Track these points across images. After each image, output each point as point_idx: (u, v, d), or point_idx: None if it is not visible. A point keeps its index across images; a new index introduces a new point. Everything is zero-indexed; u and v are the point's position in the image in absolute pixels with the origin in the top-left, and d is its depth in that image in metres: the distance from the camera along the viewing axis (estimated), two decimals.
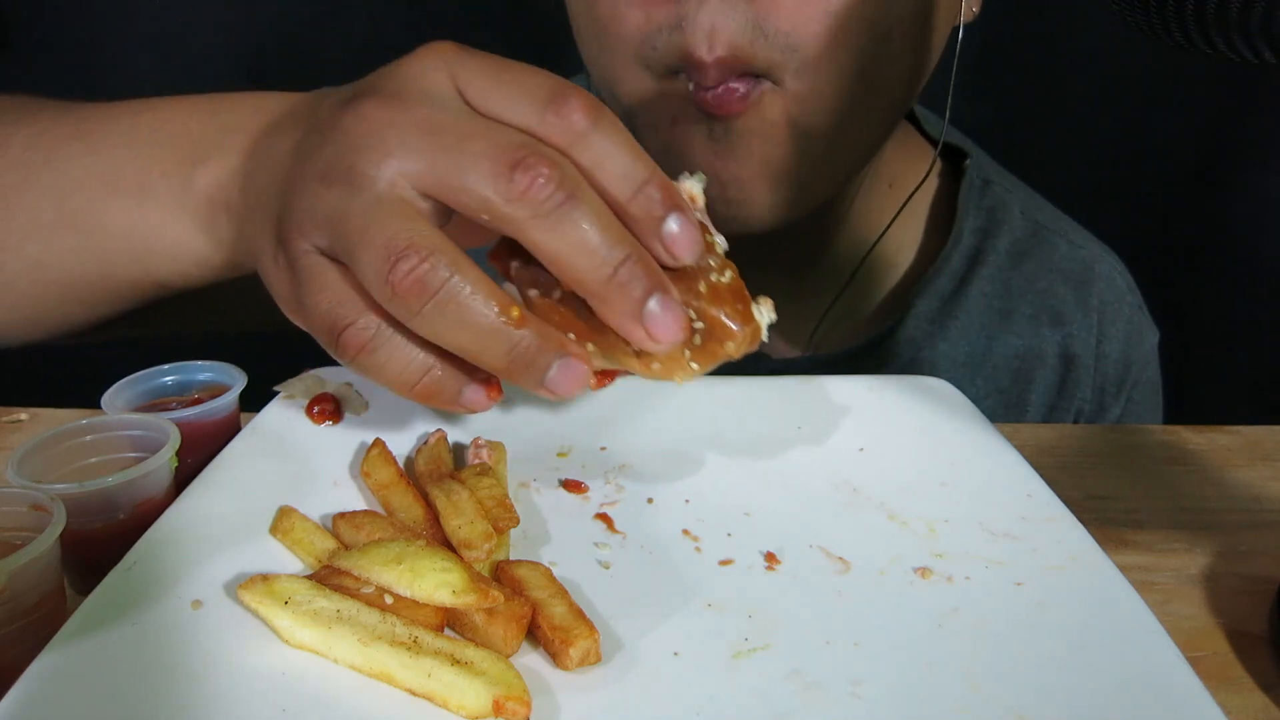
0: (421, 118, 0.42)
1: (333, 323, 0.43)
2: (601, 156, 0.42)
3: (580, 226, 0.41)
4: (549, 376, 0.43)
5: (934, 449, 0.58)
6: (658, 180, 0.43)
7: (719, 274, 0.46)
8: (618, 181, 0.43)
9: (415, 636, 0.40)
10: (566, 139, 0.42)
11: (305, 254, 0.44)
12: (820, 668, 0.41)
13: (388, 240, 0.41)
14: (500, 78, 0.44)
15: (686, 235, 0.44)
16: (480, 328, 0.41)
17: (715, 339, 0.45)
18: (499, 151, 0.41)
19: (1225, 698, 0.39)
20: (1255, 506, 0.63)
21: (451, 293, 0.41)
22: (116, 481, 0.50)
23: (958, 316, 0.87)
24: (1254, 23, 0.38)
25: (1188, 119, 1.49)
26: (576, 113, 0.42)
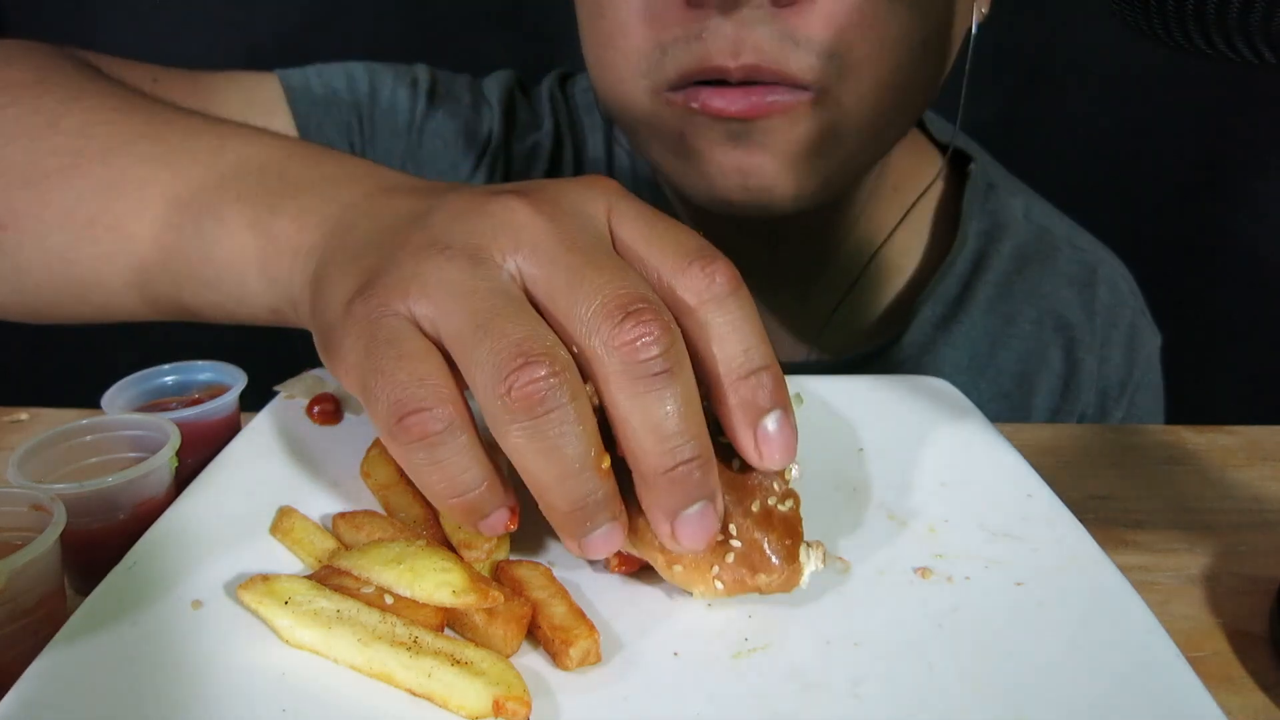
0: (563, 230, 0.41)
1: (403, 401, 0.39)
2: (730, 326, 0.41)
3: (665, 405, 0.39)
4: (593, 535, 0.41)
5: (934, 449, 0.58)
6: (774, 371, 0.42)
7: (780, 501, 0.44)
8: (736, 356, 0.41)
9: (415, 636, 0.40)
10: (702, 297, 0.41)
11: (394, 316, 0.41)
12: (820, 668, 0.41)
13: (522, 339, 0.38)
14: (655, 226, 0.43)
15: (782, 440, 0.42)
16: (569, 467, 0.39)
17: (749, 565, 0.43)
18: (620, 293, 0.39)
19: (1225, 698, 0.39)
20: (1255, 506, 0.63)
21: (561, 420, 0.38)
22: (116, 481, 0.50)
23: (962, 321, 0.87)
24: (1254, 23, 0.38)
25: (1188, 120, 1.49)
26: (720, 275, 0.41)
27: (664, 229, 0.43)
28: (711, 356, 0.41)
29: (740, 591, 0.43)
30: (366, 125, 0.91)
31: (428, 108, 0.92)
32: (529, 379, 0.38)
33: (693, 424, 0.40)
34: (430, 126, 0.92)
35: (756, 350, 0.41)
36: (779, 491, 0.44)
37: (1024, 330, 0.88)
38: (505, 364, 0.38)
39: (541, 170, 0.94)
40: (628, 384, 0.39)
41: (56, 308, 0.65)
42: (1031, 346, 0.88)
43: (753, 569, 0.43)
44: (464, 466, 0.40)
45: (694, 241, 0.42)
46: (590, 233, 0.42)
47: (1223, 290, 1.53)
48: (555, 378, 0.38)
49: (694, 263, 0.41)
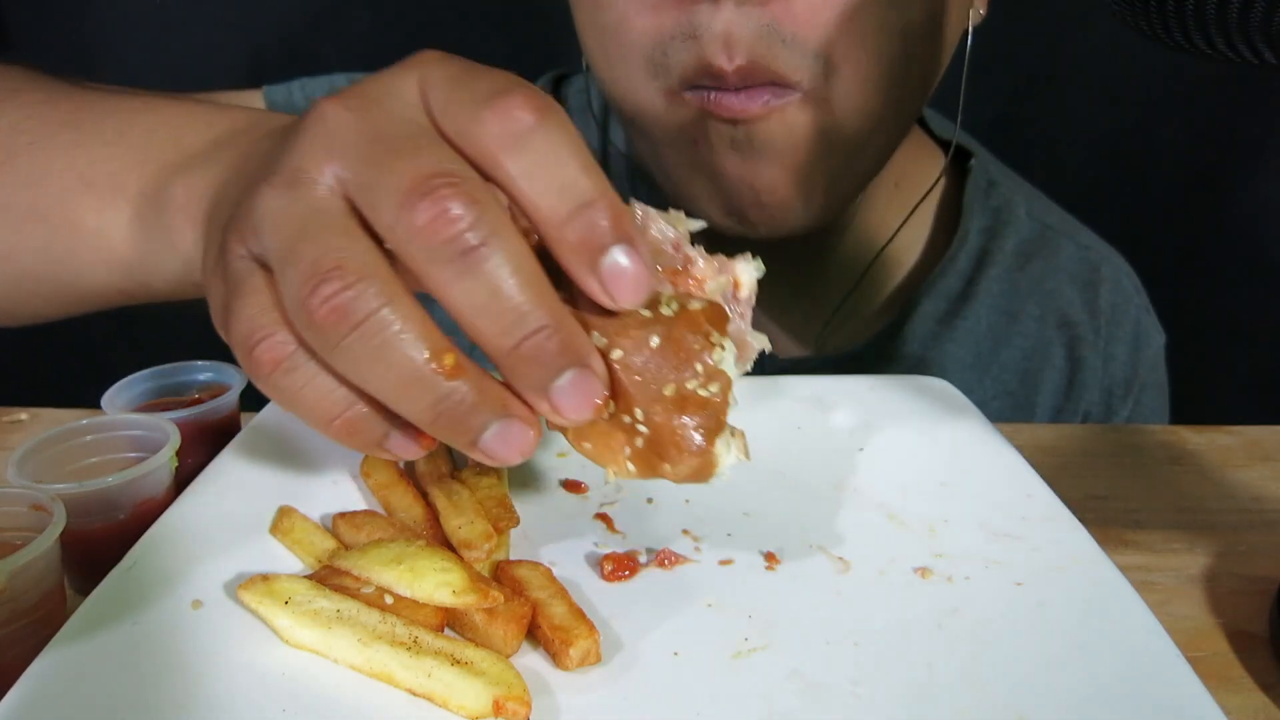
0: (370, 122, 0.38)
1: (247, 334, 0.38)
2: (539, 163, 0.36)
3: (487, 282, 0.35)
4: (484, 438, 0.37)
5: (934, 449, 0.58)
6: (606, 201, 0.36)
7: (703, 385, 0.39)
8: (554, 195, 0.36)
9: (415, 636, 0.40)
10: (501, 141, 0.36)
11: (239, 259, 0.40)
12: (820, 668, 0.41)
13: (316, 257, 0.36)
14: (458, 80, 0.38)
15: (633, 274, 0.37)
16: (404, 372, 0.36)
17: (657, 453, 0.39)
18: (413, 174, 0.35)
19: (1225, 698, 0.39)
20: (1255, 506, 0.63)
21: (375, 327, 0.35)
22: (116, 481, 0.50)
23: (965, 317, 0.87)
24: (1254, 23, 0.38)
25: (1188, 119, 1.49)
26: (518, 109, 0.36)
27: (465, 80, 0.38)
28: (530, 206, 0.36)
29: (651, 476, 0.40)
30: None
31: None
32: (325, 296, 0.35)
33: (526, 291, 0.36)
34: None
35: (575, 184, 0.36)
36: (704, 373, 0.39)
37: (1027, 327, 0.88)
38: (302, 287, 0.36)
39: None
40: (441, 270, 0.35)
41: (19, 304, 0.65)
42: (1035, 344, 0.88)
43: (661, 457, 0.39)
44: (326, 388, 0.38)
45: (493, 83, 0.37)
46: (399, 117, 0.38)
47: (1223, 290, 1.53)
48: (353, 288, 0.35)
49: (487, 106, 0.36)
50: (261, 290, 0.39)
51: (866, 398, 0.64)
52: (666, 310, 0.40)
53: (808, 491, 0.55)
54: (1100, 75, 1.45)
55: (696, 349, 0.39)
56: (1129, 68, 1.38)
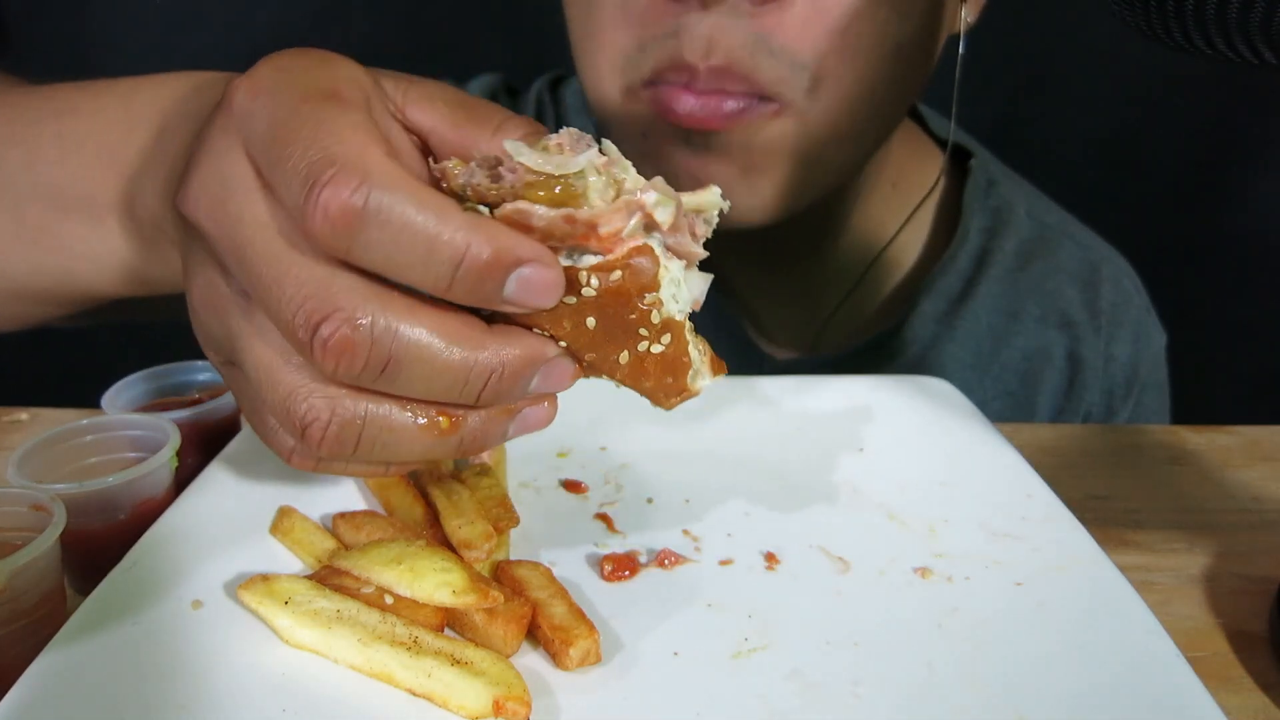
0: (225, 236, 0.38)
1: (277, 448, 0.42)
2: (390, 250, 0.35)
3: (421, 373, 0.37)
4: (511, 434, 0.41)
5: (934, 449, 0.58)
6: (471, 244, 0.35)
7: (653, 341, 0.40)
8: (424, 272, 0.36)
9: (415, 636, 0.40)
10: (341, 247, 0.35)
11: (221, 366, 0.44)
12: (820, 668, 0.41)
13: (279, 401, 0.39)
14: (272, 155, 0.37)
15: (537, 284, 0.37)
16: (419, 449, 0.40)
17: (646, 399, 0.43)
18: (292, 312, 0.36)
19: (1225, 698, 0.39)
20: (1255, 506, 0.63)
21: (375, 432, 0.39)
22: (116, 481, 0.50)
23: (965, 317, 0.87)
24: (1254, 23, 0.38)
25: (1188, 119, 1.49)
26: (334, 204, 0.34)
27: (280, 162, 0.36)
28: (411, 284, 0.37)
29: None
30: None
31: None
32: (318, 434, 0.38)
33: (463, 354, 0.37)
34: None
35: (433, 249, 0.35)
36: (649, 334, 0.40)
37: (1028, 327, 0.88)
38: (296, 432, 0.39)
39: None
40: (380, 383, 0.37)
41: (12, 316, 0.66)
42: (1035, 344, 0.88)
43: (650, 401, 0.43)
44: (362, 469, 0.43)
45: (298, 166, 0.36)
46: (246, 222, 0.38)
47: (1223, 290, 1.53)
48: (334, 421, 0.38)
49: (306, 209, 0.35)
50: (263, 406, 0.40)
51: (866, 398, 0.64)
52: (589, 290, 0.39)
53: (808, 491, 0.55)
54: (1100, 75, 1.45)
55: (633, 318, 0.39)
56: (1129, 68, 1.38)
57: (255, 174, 0.38)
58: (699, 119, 0.65)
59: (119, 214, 0.56)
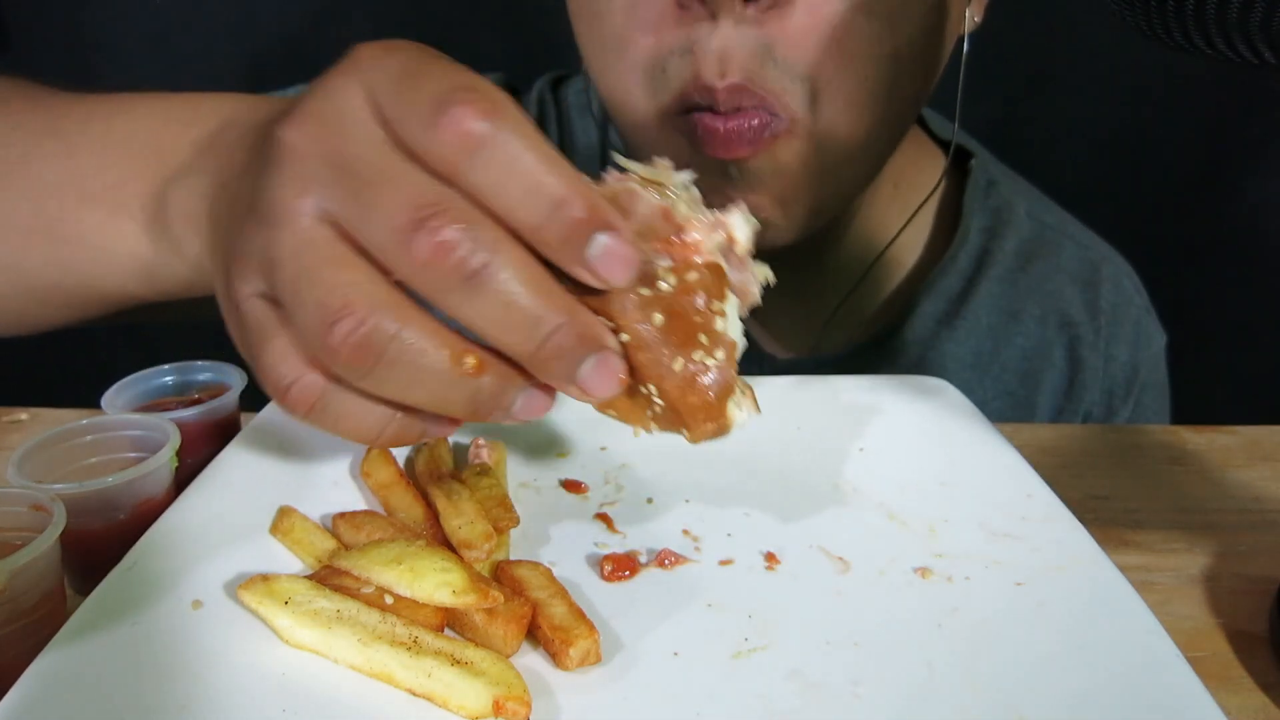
0: (334, 150, 0.38)
1: (275, 381, 0.40)
2: (501, 172, 0.36)
3: (497, 298, 0.37)
4: (514, 409, 0.40)
5: (934, 449, 0.58)
6: (576, 193, 0.37)
7: (709, 353, 0.41)
8: (524, 201, 0.37)
9: (415, 636, 0.40)
10: (458, 156, 0.36)
11: (246, 299, 0.41)
12: (820, 668, 0.41)
13: (321, 299, 0.37)
14: (401, 87, 0.38)
15: (619, 256, 0.38)
16: (436, 383, 0.38)
17: (674, 422, 0.42)
18: (400, 208, 0.36)
19: (1225, 698, 0.39)
20: (1255, 506, 0.63)
21: (399, 352, 0.37)
22: (116, 481, 0.50)
23: (965, 317, 0.87)
24: (1254, 23, 0.38)
25: (1188, 119, 1.49)
26: (468, 120, 0.36)
27: (409, 89, 0.38)
28: (504, 216, 0.37)
29: (674, 432, 0.43)
30: None
31: None
32: (344, 335, 0.37)
33: (537, 297, 0.37)
34: None
35: (542, 185, 0.37)
36: (707, 343, 0.41)
37: (1028, 327, 0.88)
38: (319, 332, 0.37)
39: None
40: (450, 296, 0.37)
41: (22, 316, 0.66)
42: (1036, 344, 0.88)
43: (678, 424, 0.42)
44: (364, 410, 0.40)
45: (435, 88, 0.37)
46: (359, 138, 0.38)
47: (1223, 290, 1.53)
48: (366, 323, 0.37)
49: (436, 121, 0.37)
50: (277, 333, 0.40)
51: (866, 398, 0.64)
52: (665, 285, 0.40)
53: (808, 491, 0.55)
54: (1100, 75, 1.45)
55: (699, 321, 0.40)
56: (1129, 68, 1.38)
57: (371, 110, 0.38)
58: (729, 148, 0.66)
59: (143, 206, 0.55)
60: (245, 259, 0.40)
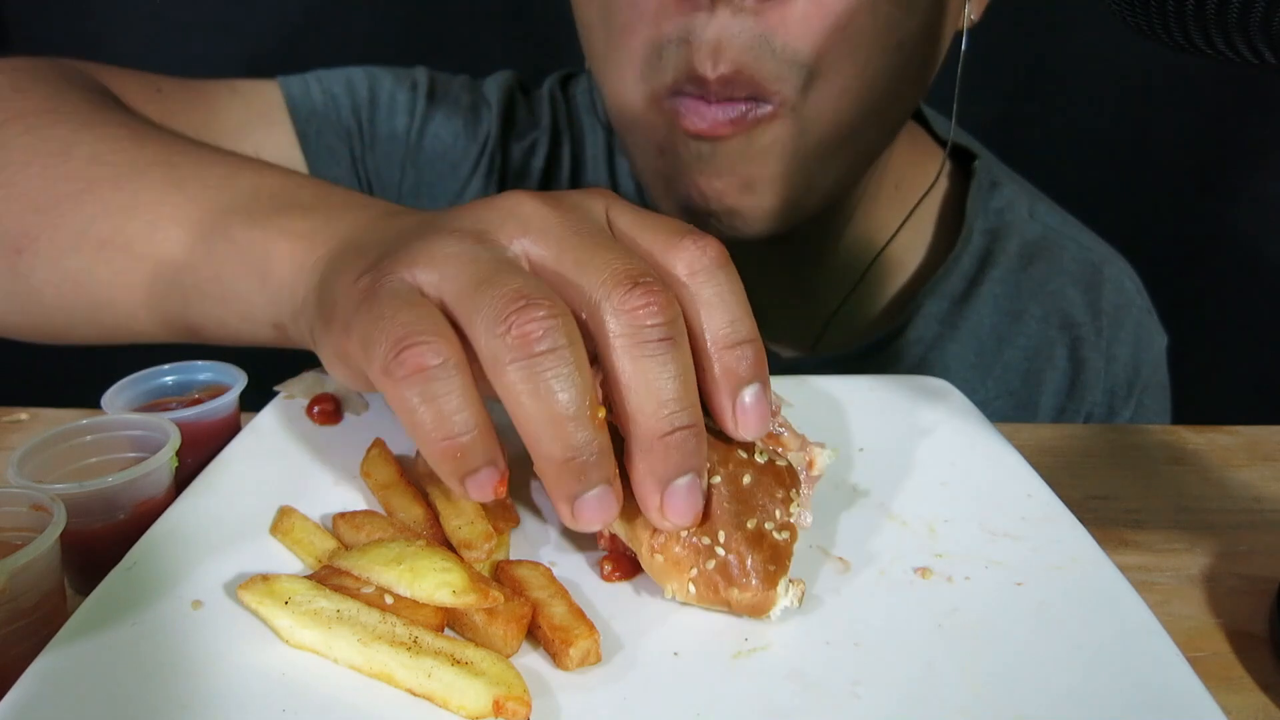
0: (567, 218, 0.44)
1: (404, 334, 0.39)
2: (717, 298, 0.43)
3: (666, 371, 0.40)
4: (585, 497, 0.41)
5: (934, 449, 0.58)
6: (757, 345, 0.43)
7: (778, 529, 0.44)
8: (723, 327, 0.43)
9: (415, 636, 0.40)
10: (693, 269, 0.43)
11: (398, 279, 0.42)
12: (820, 668, 0.41)
13: (522, 286, 0.40)
14: (649, 216, 0.45)
15: (758, 413, 0.43)
16: (564, 410, 0.39)
17: (726, 577, 0.43)
18: (628, 268, 0.41)
19: (1225, 698, 0.39)
20: (1255, 506, 0.63)
21: (558, 360, 0.39)
22: (116, 481, 0.50)
23: (968, 317, 0.87)
24: (1254, 23, 0.38)
25: (1188, 119, 1.49)
26: (711, 248, 0.43)
27: (658, 218, 0.45)
28: (700, 326, 0.43)
29: (709, 602, 0.43)
30: (366, 130, 0.92)
31: (427, 110, 0.92)
32: (529, 317, 0.39)
33: (690, 394, 0.41)
34: (430, 129, 0.92)
35: (742, 323, 0.43)
36: (779, 520, 0.45)
37: (1030, 328, 0.88)
38: (506, 306, 0.39)
39: (539, 168, 0.95)
40: (633, 347, 0.40)
41: (70, 329, 0.66)
42: (1037, 344, 0.88)
43: (729, 582, 0.43)
44: (458, 406, 0.40)
45: (685, 224, 0.45)
46: (592, 221, 0.44)
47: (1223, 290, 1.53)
48: (554, 319, 0.39)
49: (685, 238, 0.43)
50: (423, 305, 0.41)
51: (866, 398, 0.64)
52: (760, 458, 0.46)
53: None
54: (1100, 75, 1.45)
55: (779, 497, 0.45)
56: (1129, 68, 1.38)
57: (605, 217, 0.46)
58: (708, 127, 0.67)
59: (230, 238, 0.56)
60: (420, 255, 0.42)
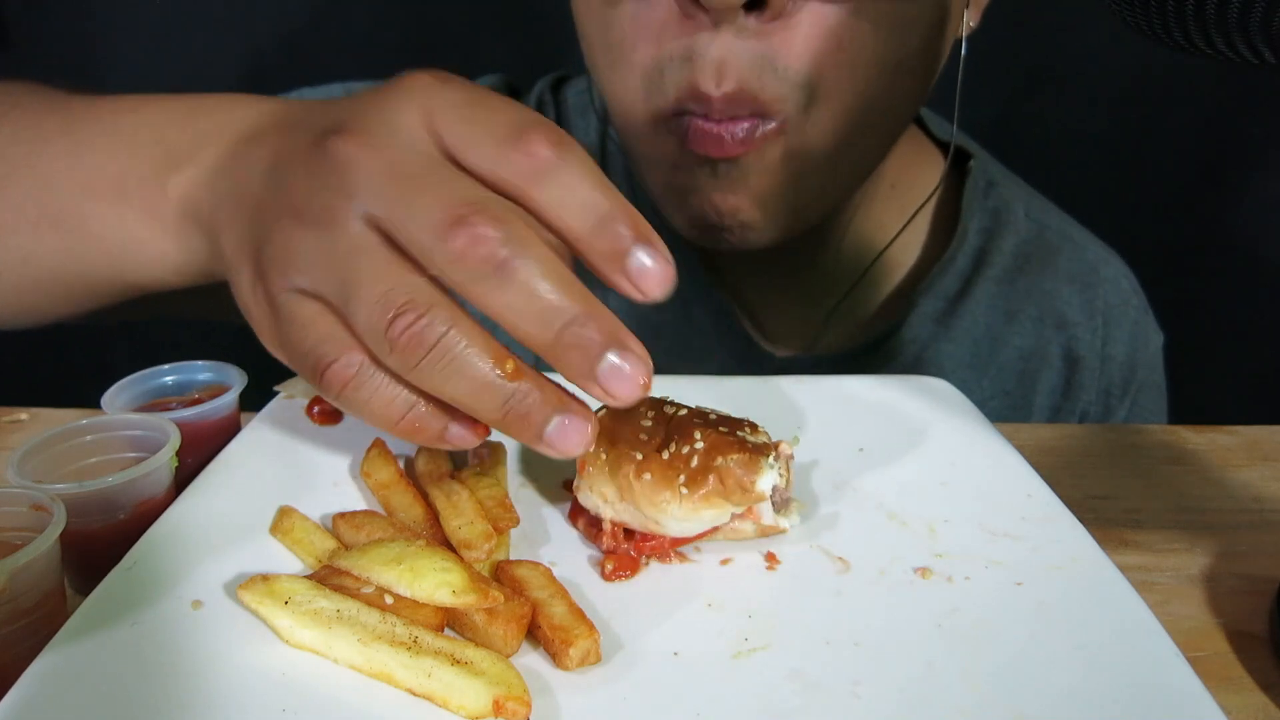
0: (386, 160, 0.42)
1: (316, 360, 0.43)
2: (565, 191, 0.41)
3: (520, 289, 0.40)
4: (547, 432, 0.42)
5: (934, 449, 0.58)
6: (624, 212, 0.42)
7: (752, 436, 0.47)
8: (579, 214, 0.41)
9: (415, 636, 0.40)
10: (527, 175, 0.41)
11: (285, 293, 0.44)
12: (820, 668, 0.41)
13: (383, 294, 0.41)
14: (468, 114, 0.43)
15: (657, 270, 0.41)
16: (475, 381, 0.41)
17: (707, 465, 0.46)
18: (443, 206, 0.40)
19: (1225, 698, 0.39)
20: (1255, 506, 0.63)
21: (447, 347, 0.40)
22: (116, 481, 0.50)
23: (963, 317, 0.87)
24: (1254, 23, 0.38)
25: (1188, 119, 1.49)
26: (541, 146, 0.41)
27: (478, 115, 0.43)
28: (560, 227, 0.42)
29: (706, 501, 0.46)
30: None
31: None
32: (402, 328, 0.40)
33: (560, 288, 0.40)
34: None
35: (596, 203, 0.41)
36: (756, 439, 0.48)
37: (1025, 328, 0.88)
38: (378, 322, 0.41)
39: None
40: (480, 285, 0.40)
41: (35, 308, 0.67)
42: (1033, 344, 0.88)
43: (711, 467, 0.46)
44: (393, 394, 0.43)
45: (509, 121, 0.42)
46: (412, 151, 0.42)
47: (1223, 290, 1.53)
48: (424, 318, 0.40)
49: (510, 144, 0.41)
50: (317, 319, 0.43)
51: (866, 398, 0.64)
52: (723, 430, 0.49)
53: (808, 491, 0.55)
54: (1100, 75, 1.45)
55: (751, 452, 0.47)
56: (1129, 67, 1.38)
57: (426, 129, 0.43)
58: (719, 146, 0.66)
59: (144, 196, 0.57)
60: (286, 258, 0.44)
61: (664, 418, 0.50)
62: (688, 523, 0.46)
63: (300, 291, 0.44)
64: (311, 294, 0.43)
